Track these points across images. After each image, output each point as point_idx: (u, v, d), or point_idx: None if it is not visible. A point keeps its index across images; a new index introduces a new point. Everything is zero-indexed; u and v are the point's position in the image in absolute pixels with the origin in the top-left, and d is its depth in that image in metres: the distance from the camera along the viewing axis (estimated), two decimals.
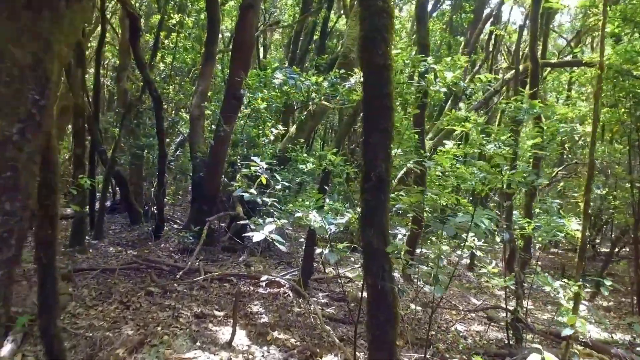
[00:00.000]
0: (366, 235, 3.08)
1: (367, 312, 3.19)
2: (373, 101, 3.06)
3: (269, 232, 4.52)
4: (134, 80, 13.63)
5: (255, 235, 4.39)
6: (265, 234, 4.42)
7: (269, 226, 4.56)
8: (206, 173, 10.12)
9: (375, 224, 3.05)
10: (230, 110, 9.19)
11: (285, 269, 9.55)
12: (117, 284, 7.04)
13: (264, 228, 4.52)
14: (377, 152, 3.03)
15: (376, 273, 3.02)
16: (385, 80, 3.02)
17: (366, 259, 3.15)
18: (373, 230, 3.03)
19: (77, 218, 8.39)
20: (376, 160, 3.03)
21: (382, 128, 3.05)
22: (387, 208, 3.09)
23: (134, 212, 11.54)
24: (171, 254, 9.44)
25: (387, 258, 3.08)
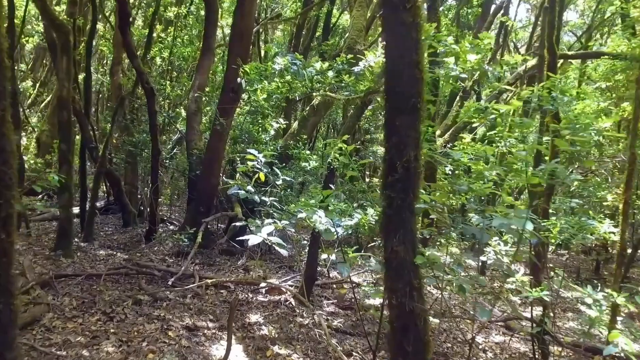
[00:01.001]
0: (389, 243, 2.44)
1: (391, 340, 2.55)
2: (398, 71, 2.42)
3: (268, 234, 3.90)
4: (129, 75, 13.01)
5: (252, 238, 3.77)
6: (264, 237, 3.80)
7: (267, 228, 3.94)
8: (203, 171, 9.51)
9: (402, 228, 2.41)
10: (228, 104, 8.57)
11: (287, 273, 8.93)
12: (102, 291, 6.42)
13: (262, 230, 3.90)
14: (404, 136, 2.39)
15: (403, 291, 2.38)
16: (414, 43, 2.38)
17: (390, 273, 2.50)
18: (398, 236, 2.40)
19: (62, 219, 7.78)
20: (403, 147, 2.39)
21: (411, 106, 2.41)
22: (415, 208, 2.46)
23: (127, 213, 10.93)
24: (165, 258, 8.82)
25: (417, 272, 2.45)
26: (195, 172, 9.76)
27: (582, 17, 23.42)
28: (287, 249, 4.11)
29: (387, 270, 2.50)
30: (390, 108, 2.48)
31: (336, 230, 4.73)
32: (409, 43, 2.37)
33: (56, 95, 8.06)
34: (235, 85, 8.33)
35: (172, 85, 13.67)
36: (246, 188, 4.48)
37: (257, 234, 3.83)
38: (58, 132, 8.30)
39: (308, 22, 18.88)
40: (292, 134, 10.57)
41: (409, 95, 2.39)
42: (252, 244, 3.73)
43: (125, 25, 7.76)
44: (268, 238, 3.83)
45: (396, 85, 2.45)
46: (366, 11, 11.79)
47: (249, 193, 4.45)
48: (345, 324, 6.52)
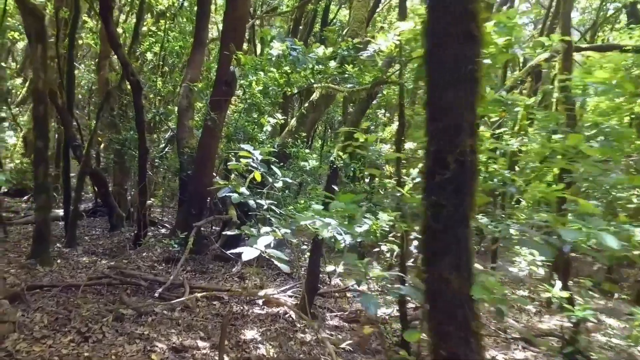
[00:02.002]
0: (436, 268, 1.77)
1: None
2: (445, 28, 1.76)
3: (265, 246, 3.24)
4: (118, 70, 12.32)
5: (247, 251, 3.11)
6: (261, 250, 3.14)
7: (265, 239, 3.28)
8: (194, 171, 8.84)
9: (454, 247, 1.76)
10: (218, 104, 7.91)
11: (286, 281, 8.27)
12: (80, 305, 5.74)
13: (259, 241, 3.24)
14: (457, 117, 1.74)
15: (456, 337, 1.73)
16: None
17: (437, 311, 1.83)
18: (449, 259, 1.74)
19: (38, 223, 7.10)
20: (455, 134, 1.74)
21: (465, 75, 1.76)
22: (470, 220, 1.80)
23: (114, 216, 10.24)
24: (154, 265, 8.14)
25: (474, 309, 1.78)
26: (186, 172, 9.09)
27: (584, 14, 22.86)
28: (287, 263, 3.45)
29: (433, 307, 1.83)
30: (434, 81, 1.82)
31: (343, 238, 4.11)
32: None
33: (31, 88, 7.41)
34: (229, 77, 7.67)
35: (163, 80, 12.99)
36: (239, 190, 3.82)
37: (252, 246, 3.17)
38: (33, 128, 7.63)
39: (305, 17, 18.24)
40: (289, 131, 9.91)
41: (463, 59, 1.74)
42: (247, 259, 3.06)
43: (106, 11, 7.09)
44: (266, 251, 3.17)
45: (443, 48, 1.79)
46: (368, 1, 11.15)
47: (242, 196, 3.79)
48: (351, 339, 5.86)
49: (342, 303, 7.70)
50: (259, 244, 3.20)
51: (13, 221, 10.57)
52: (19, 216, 11.16)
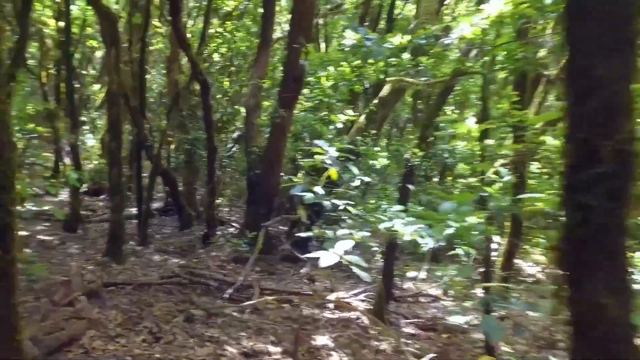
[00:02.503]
0: (586, 289, 1.39)
1: None
2: None
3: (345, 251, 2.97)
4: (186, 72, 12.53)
5: (325, 256, 2.84)
6: (340, 256, 2.87)
7: (344, 243, 3.00)
8: (262, 170, 8.74)
9: (609, 263, 1.38)
10: (288, 100, 7.74)
11: (357, 284, 7.96)
12: (152, 304, 5.73)
13: (336, 245, 2.97)
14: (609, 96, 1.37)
15: None
16: None
17: (587, 344, 1.44)
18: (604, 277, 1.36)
19: (113, 223, 7.23)
20: (609, 117, 1.37)
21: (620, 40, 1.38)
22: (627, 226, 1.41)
23: (184, 215, 10.37)
24: (223, 264, 8.11)
25: (633, 344, 1.39)
26: (254, 172, 9.01)
27: None
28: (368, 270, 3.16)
29: (580, 339, 1.44)
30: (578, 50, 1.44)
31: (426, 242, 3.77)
32: None
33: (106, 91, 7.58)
34: (298, 73, 7.49)
35: (230, 81, 13.08)
36: (313, 189, 3.56)
37: (330, 251, 2.90)
38: (108, 130, 7.80)
39: (370, 14, 17.85)
40: (358, 129, 9.61)
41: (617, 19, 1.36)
42: (325, 265, 2.80)
43: (176, 13, 7.11)
44: (345, 257, 2.89)
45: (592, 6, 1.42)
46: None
47: (317, 196, 3.53)
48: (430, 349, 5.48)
49: (415, 308, 7.31)
50: (336, 248, 2.93)
51: (91, 219, 10.98)
52: (96, 215, 11.58)
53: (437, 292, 8.15)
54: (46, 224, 9.92)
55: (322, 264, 2.79)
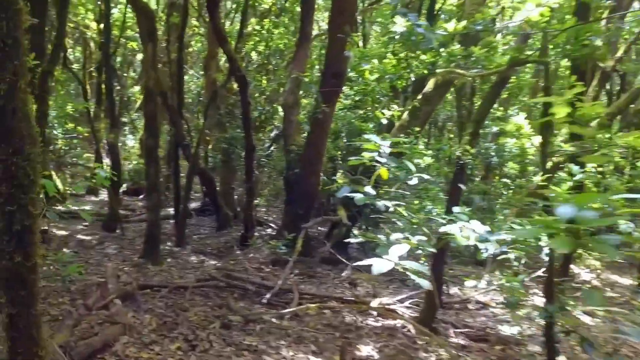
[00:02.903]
0: None
1: None
2: None
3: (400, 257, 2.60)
4: (224, 70, 12.38)
5: (378, 263, 2.48)
6: (397, 263, 2.50)
7: (398, 248, 2.63)
8: (302, 169, 8.43)
9: None
10: (329, 95, 7.39)
11: (399, 289, 7.58)
12: (187, 309, 5.50)
13: (391, 250, 2.61)
14: None
15: None
16: None
17: None
18: None
19: (149, 223, 7.06)
20: None
21: None
22: None
23: (222, 215, 10.19)
24: (260, 266, 7.85)
25: None
26: (293, 171, 8.72)
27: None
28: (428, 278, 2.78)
29: None
30: None
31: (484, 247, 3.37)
32: None
33: (143, 87, 7.46)
34: (338, 69, 7.15)
35: (268, 78, 12.85)
36: (364, 190, 3.20)
37: (383, 256, 2.54)
38: (145, 126, 7.66)
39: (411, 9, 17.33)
40: (401, 126, 9.18)
41: None
42: (378, 272, 2.44)
43: (213, 6, 6.89)
44: (402, 264, 2.53)
45: None
46: None
47: (367, 197, 3.17)
48: None
49: (463, 316, 6.84)
50: (391, 254, 2.56)
51: (130, 219, 10.96)
52: (135, 214, 11.56)
53: (486, 298, 7.67)
54: (85, 224, 9.92)
55: (375, 271, 2.43)
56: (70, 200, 12.76)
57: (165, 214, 11.44)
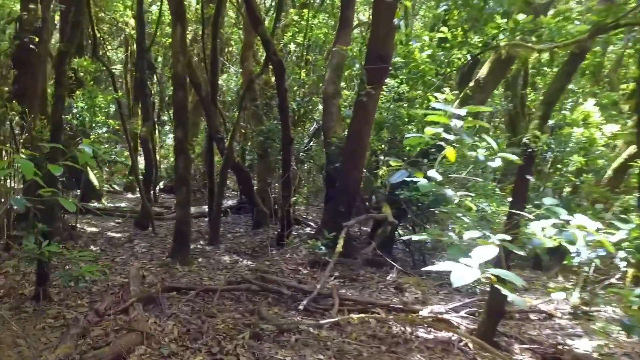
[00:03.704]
0: None
1: None
2: None
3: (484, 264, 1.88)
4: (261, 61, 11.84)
5: (457, 272, 1.76)
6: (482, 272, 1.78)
7: (482, 251, 1.91)
8: (343, 163, 7.76)
9: None
10: (375, 75, 6.68)
11: (451, 295, 6.79)
12: (215, 315, 4.91)
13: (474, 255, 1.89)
14: None
15: None
16: None
17: None
18: None
19: (178, 220, 6.54)
20: None
21: None
22: None
23: (258, 213, 9.63)
24: (297, 268, 7.22)
25: None
26: (334, 165, 8.05)
27: None
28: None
29: None
30: None
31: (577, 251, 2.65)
32: None
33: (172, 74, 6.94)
34: (384, 50, 6.43)
35: (307, 70, 12.23)
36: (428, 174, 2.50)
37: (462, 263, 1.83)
38: (174, 117, 7.15)
39: None
40: None
41: None
42: (459, 284, 1.73)
43: None
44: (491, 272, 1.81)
45: None
46: None
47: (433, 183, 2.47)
48: None
49: (526, 328, 5.99)
50: (474, 259, 1.85)
51: (163, 216, 10.57)
52: (169, 212, 11.17)
53: (550, 307, 6.77)
54: (118, 221, 9.58)
55: (455, 283, 1.72)
56: (107, 197, 12.53)
57: (200, 211, 11.01)
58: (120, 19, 16.50)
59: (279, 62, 6.82)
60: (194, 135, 14.29)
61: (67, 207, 1.98)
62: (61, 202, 1.97)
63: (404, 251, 9.21)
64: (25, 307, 4.85)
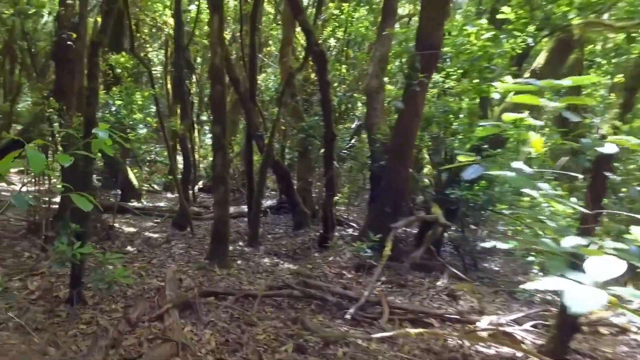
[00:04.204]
0: None
1: None
2: None
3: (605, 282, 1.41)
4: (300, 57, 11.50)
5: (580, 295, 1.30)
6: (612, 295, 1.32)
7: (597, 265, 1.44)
8: (389, 161, 7.30)
9: None
10: (425, 64, 6.19)
11: (508, 303, 6.23)
12: (255, 324, 4.55)
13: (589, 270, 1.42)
14: None
15: None
16: None
17: None
18: None
19: (216, 220, 6.24)
20: None
21: None
22: None
23: (299, 214, 9.27)
24: (341, 272, 6.81)
25: None
26: (379, 163, 7.60)
27: None
28: None
29: None
30: None
31: None
32: None
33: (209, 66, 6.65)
34: (434, 38, 5.94)
35: (348, 66, 11.80)
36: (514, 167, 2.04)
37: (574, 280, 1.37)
38: (211, 111, 6.86)
39: None
40: (505, 109, 7.78)
41: None
42: (580, 311, 1.27)
43: None
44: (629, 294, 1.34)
45: None
46: None
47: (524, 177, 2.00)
48: None
49: (597, 344, 5.38)
50: (590, 276, 1.38)
51: (202, 216, 10.36)
52: (208, 212, 10.96)
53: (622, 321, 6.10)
54: (156, 221, 9.41)
55: (574, 308, 1.26)
56: (146, 196, 12.46)
57: (240, 211, 10.75)
58: (160, 19, 16.50)
59: (321, 53, 6.43)
60: (232, 135, 14.10)
61: (80, 206, 1.61)
62: (74, 199, 1.62)
63: (452, 254, 8.67)
64: (59, 310, 4.62)
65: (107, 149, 1.68)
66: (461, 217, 7.63)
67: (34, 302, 4.84)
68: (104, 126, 1.71)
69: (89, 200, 1.71)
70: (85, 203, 1.67)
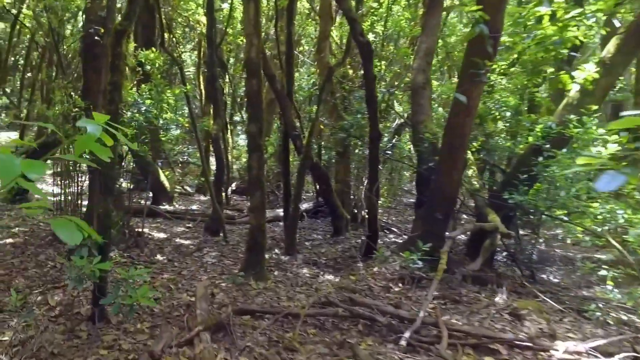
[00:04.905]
0: None
1: None
2: None
3: None
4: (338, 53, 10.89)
5: None
6: None
7: None
8: (439, 162, 6.62)
9: None
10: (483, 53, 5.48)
11: (578, 324, 5.46)
12: (297, 349, 3.97)
13: None
14: None
15: None
16: None
17: None
18: None
19: (252, 228, 5.69)
20: None
21: None
22: None
23: (338, 218, 8.67)
24: (388, 284, 6.17)
25: None
26: (427, 165, 6.93)
27: None
28: None
29: None
30: None
31: None
32: None
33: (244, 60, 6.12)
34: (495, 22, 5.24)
35: (388, 61, 11.13)
36: None
37: None
38: (247, 109, 6.33)
39: None
40: (569, 104, 7.01)
41: None
42: None
43: None
44: None
45: None
46: None
47: None
48: None
49: None
50: None
51: (235, 220, 9.89)
52: (242, 215, 10.49)
53: None
54: (188, 225, 8.97)
55: None
56: (178, 198, 12.09)
57: (275, 215, 10.22)
58: (192, 18, 16.19)
59: (367, 43, 5.81)
60: (267, 134, 13.61)
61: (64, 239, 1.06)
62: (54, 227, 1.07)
63: (505, 263, 7.92)
64: (79, 329, 4.16)
65: (99, 150, 1.13)
66: (517, 224, 6.90)
67: (53, 320, 4.40)
68: (101, 117, 1.14)
69: (78, 227, 1.16)
70: (71, 233, 1.11)
